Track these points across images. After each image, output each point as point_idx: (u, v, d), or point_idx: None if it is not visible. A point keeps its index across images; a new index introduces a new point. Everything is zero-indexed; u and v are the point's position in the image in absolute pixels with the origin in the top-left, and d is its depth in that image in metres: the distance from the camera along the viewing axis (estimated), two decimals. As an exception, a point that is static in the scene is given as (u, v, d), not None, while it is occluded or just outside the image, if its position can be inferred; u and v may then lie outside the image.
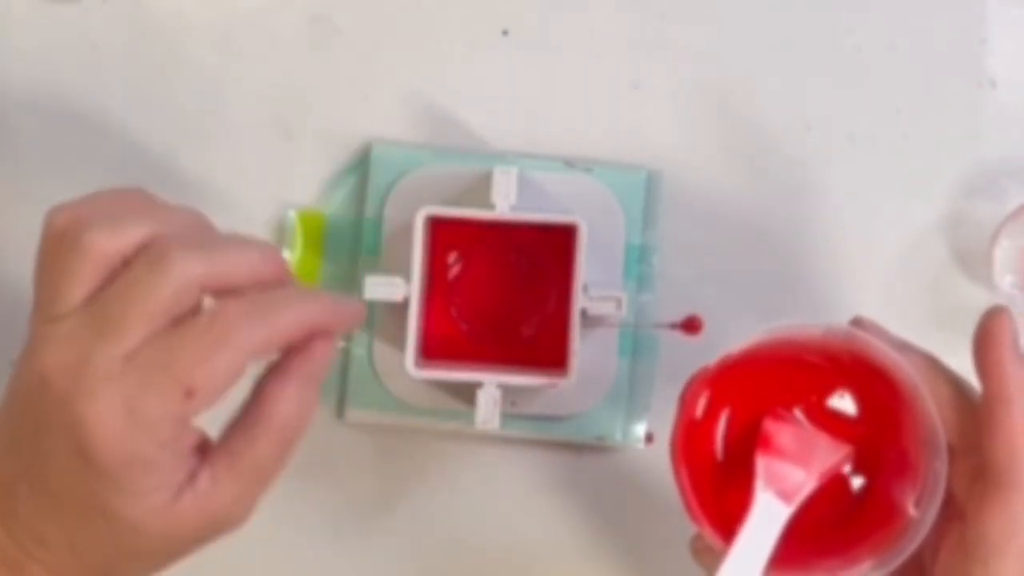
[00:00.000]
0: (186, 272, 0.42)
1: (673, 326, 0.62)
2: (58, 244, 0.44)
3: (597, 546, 0.61)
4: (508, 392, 0.58)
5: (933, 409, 0.46)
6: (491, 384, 0.57)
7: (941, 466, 0.46)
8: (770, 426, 0.49)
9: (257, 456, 0.45)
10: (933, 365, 0.48)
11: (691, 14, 0.64)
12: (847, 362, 0.49)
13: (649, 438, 0.61)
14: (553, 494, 0.61)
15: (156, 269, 0.42)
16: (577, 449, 0.61)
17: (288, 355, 0.46)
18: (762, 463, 0.48)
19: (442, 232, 0.59)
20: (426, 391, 0.60)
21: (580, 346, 0.57)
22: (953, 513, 0.46)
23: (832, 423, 0.50)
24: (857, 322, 0.49)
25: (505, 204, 0.58)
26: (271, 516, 0.62)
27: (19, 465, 0.44)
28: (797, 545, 0.48)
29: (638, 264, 0.61)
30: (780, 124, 0.63)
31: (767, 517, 0.47)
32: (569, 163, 0.62)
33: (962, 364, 0.60)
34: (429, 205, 0.58)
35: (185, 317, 0.43)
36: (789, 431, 0.49)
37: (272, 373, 0.45)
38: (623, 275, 0.61)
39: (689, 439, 0.49)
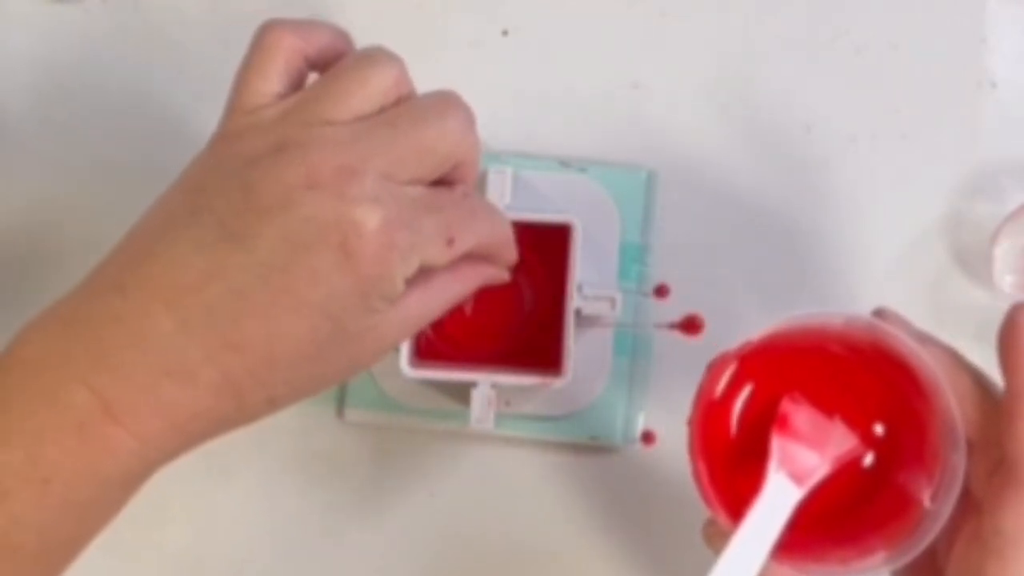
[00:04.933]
0: (393, 69, 0.47)
1: (673, 326, 0.62)
2: (253, 44, 0.48)
3: (594, 545, 0.61)
4: (502, 392, 0.58)
5: (953, 403, 0.46)
6: (485, 384, 0.57)
7: (959, 460, 0.46)
8: (787, 407, 0.49)
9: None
10: (955, 358, 0.48)
11: (691, 14, 0.64)
12: (868, 352, 0.49)
13: (646, 438, 0.61)
14: (550, 494, 0.61)
15: (372, 63, 0.47)
16: (574, 449, 0.61)
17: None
18: (777, 443, 0.48)
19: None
20: (421, 391, 0.61)
21: (574, 346, 0.57)
22: (969, 506, 0.46)
23: (850, 412, 0.49)
24: (879, 313, 0.49)
25: (500, 203, 0.58)
26: (270, 513, 0.62)
27: (234, 257, 0.43)
28: (808, 532, 0.48)
29: (637, 264, 0.61)
30: (780, 124, 0.63)
31: (778, 498, 0.47)
32: (564, 163, 0.62)
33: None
34: (425, 204, 0.58)
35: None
36: (805, 414, 0.49)
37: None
38: (618, 275, 0.61)
39: (706, 424, 0.49)
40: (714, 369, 0.49)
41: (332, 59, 0.48)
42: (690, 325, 0.62)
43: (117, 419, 0.43)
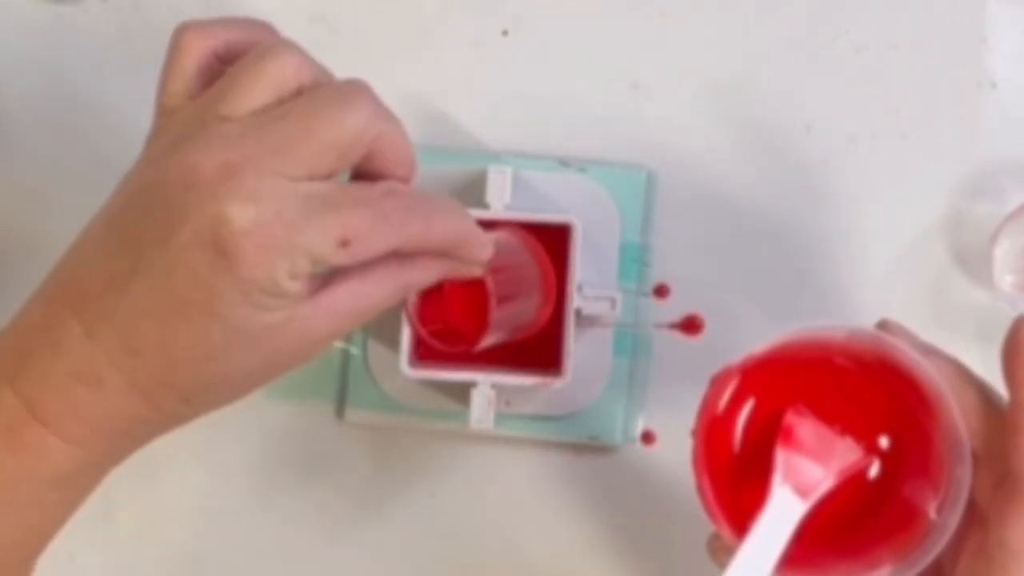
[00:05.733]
0: (291, 58, 0.45)
1: (673, 326, 0.62)
2: (168, 47, 0.48)
3: (593, 545, 0.61)
4: (502, 392, 0.58)
5: (958, 416, 0.46)
6: (485, 384, 0.57)
7: (964, 473, 0.46)
8: (791, 419, 0.49)
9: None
10: (960, 371, 0.47)
11: (691, 14, 0.64)
12: (872, 364, 0.48)
13: (646, 438, 0.61)
14: (550, 493, 0.62)
15: (267, 54, 0.45)
16: (574, 449, 0.61)
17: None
18: (781, 456, 0.48)
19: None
20: (421, 391, 0.61)
21: (574, 346, 0.57)
22: (975, 518, 0.46)
23: (855, 424, 0.49)
24: (883, 325, 0.49)
25: (500, 203, 0.58)
26: (270, 513, 0.62)
27: (128, 263, 0.43)
28: (813, 545, 0.48)
29: (637, 264, 0.61)
30: (780, 124, 0.63)
31: (783, 512, 0.47)
32: (564, 163, 0.62)
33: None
34: (425, 205, 0.58)
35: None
36: (810, 426, 0.49)
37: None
38: (618, 275, 0.61)
39: (710, 437, 0.49)
40: (717, 383, 0.49)
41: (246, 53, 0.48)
42: (690, 325, 0.62)
43: (42, 421, 0.44)
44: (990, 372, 0.55)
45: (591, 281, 0.59)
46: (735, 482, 0.49)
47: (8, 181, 0.64)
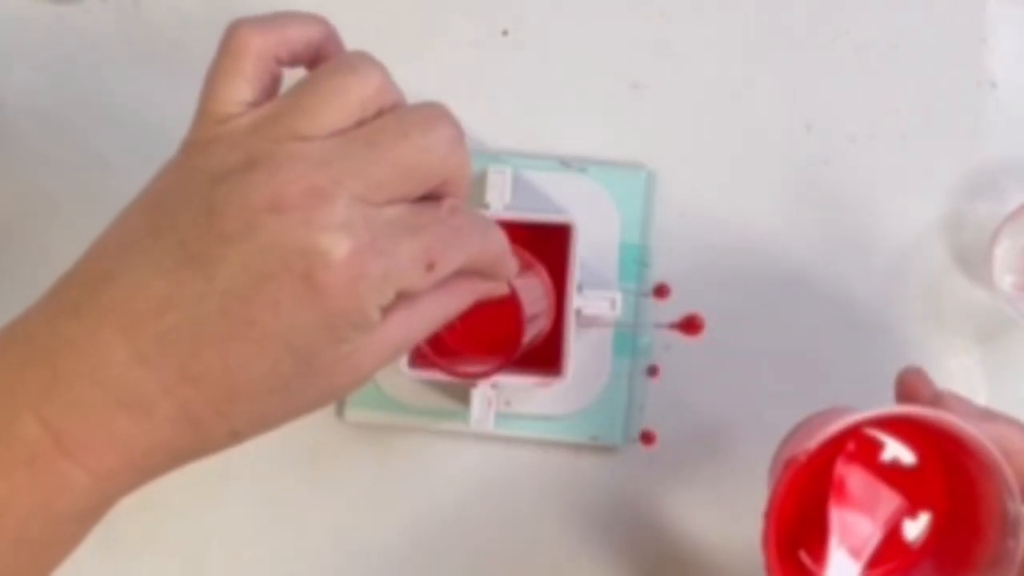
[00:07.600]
0: (375, 77, 0.42)
1: (673, 326, 0.62)
2: (220, 47, 0.44)
3: (593, 545, 0.61)
4: (502, 392, 0.58)
5: (1015, 487, 0.46)
6: (485, 384, 0.57)
7: (1015, 545, 0.46)
8: (842, 469, 0.49)
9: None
10: (1020, 431, 0.47)
11: (691, 14, 0.64)
12: (930, 428, 0.48)
13: (646, 438, 0.61)
14: (550, 493, 0.61)
15: (349, 69, 0.42)
16: (574, 449, 0.61)
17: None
18: (836, 515, 0.48)
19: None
20: (421, 391, 0.61)
21: (574, 346, 0.57)
22: None
23: (906, 483, 0.50)
24: (939, 398, 0.48)
25: (500, 203, 0.59)
26: (270, 513, 0.62)
27: (195, 284, 0.40)
28: None
29: (637, 264, 0.61)
30: (780, 124, 0.63)
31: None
32: (564, 163, 0.62)
33: (963, 365, 0.60)
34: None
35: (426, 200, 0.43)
36: (857, 474, 0.49)
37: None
38: (618, 275, 0.61)
39: (779, 519, 0.48)
40: (790, 468, 0.48)
41: (310, 55, 0.45)
42: (690, 325, 0.62)
43: (69, 453, 0.41)
44: (989, 372, 0.55)
45: (591, 281, 0.59)
46: (791, 546, 0.49)
47: (8, 181, 0.64)
